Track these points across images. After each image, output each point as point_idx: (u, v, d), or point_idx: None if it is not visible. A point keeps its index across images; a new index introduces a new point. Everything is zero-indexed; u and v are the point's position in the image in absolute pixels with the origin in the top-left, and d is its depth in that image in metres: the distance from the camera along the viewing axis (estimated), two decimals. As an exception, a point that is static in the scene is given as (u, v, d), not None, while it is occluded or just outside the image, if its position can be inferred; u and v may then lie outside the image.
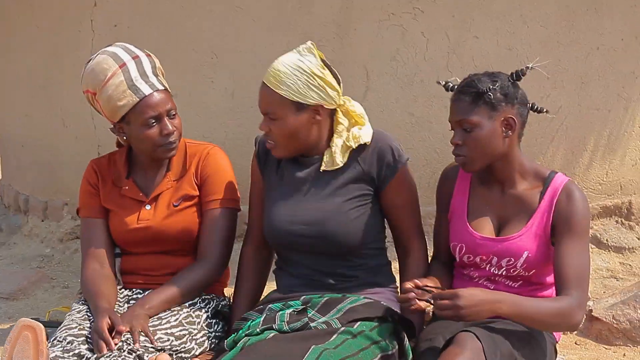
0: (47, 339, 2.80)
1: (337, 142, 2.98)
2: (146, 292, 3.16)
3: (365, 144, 2.96)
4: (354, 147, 2.96)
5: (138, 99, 3.04)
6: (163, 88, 3.11)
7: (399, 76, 4.55)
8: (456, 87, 2.87)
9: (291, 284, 3.03)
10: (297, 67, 2.89)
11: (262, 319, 2.85)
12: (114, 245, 3.27)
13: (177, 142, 3.15)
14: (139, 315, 2.91)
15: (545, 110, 2.94)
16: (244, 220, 4.59)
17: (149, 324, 2.92)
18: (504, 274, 2.88)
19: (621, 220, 4.88)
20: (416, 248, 3.07)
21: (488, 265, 2.89)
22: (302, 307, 2.86)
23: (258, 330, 2.77)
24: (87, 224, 3.27)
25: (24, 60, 6.14)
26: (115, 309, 3.01)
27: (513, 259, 2.84)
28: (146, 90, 3.05)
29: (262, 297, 3.17)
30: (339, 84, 2.95)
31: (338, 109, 2.99)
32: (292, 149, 2.98)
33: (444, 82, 2.96)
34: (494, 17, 4.52)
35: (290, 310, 2.85)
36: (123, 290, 3.22)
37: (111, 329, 2.81)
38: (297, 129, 2.92)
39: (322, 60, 2.94)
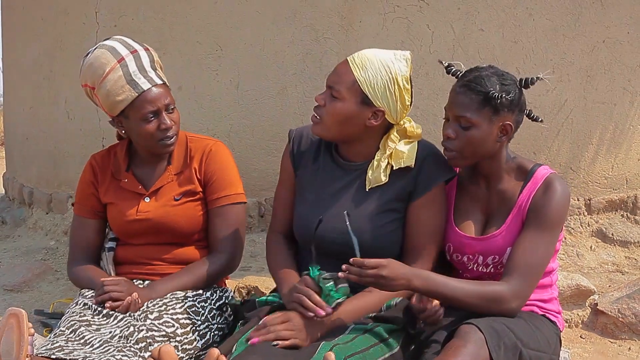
0: (51, 331, 2.81)
1: (384, 160, 2.89)
2: (146, 283, 3.18)
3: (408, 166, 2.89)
4: (395, 167, 2.89)
5: (137, 94, 3.05)
6: (162, 82, 3.11)
7: (404, 69, 4.53)
8: (460, 76, 2.83)
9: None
10: (386, 65, 2.81)
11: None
12: (101, 244, 3.32)
13: (176, 136, 3.15)
14: (142, 294, 3.02)
15: (540, 119, 2.90)
16: (249, 213, 4.61)
17: (155, 309, 2.98)
18: (492, 271, 2.87)
19: (627, 215, 4.88)
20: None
21: (475, 265, 2.89)
22: None
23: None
24: (78, 221, 3.33)
25: (29, 52, 6.14)
26: None
27: (498, 257, 2.83)
28: (145, 85, 3.05)
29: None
30: (410, 105, 2.88)
31: (395, 126, 2.90)
32: (334, 133, 2.89)
33: (446, 64, 2.90)
34: (500, 10, 4.51)
35: None
36: None
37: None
38: (349, 118, 2.83)
39: (410, 76, 2.85)
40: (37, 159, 6.18)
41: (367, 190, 2.92)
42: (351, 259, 2.61)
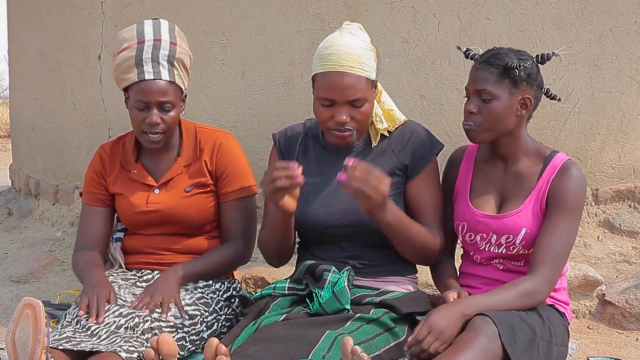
0: (58, 322, 2.81)
1: (378, 111, 3.01)
2: (154, 273, 3.17)
3: (398, 127, 3.01)
4: (392, 129, 3.00)
5: (137, 80, 3.06)
6: (168, 80, 3.08)
7: (410, 58, 4.52)
8: (478, 56, 2.90)
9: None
10: (365, 46, 2.89)
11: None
12: (109, 233, 3.32)
13: (163, 135, 3.12)
14: (172, 286, 3.01)
15: (558, 98, 2.97)
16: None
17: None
18: (504, 252, 2.89)
19: (634, 205, 4.85)
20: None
21: (487, 245, 2.91)
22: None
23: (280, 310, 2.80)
24: (87, 210, 3.32)
25: (35, 43, 6.15)
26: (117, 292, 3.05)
27: (512, 236, 2.86)
28: (148, 75, 3.06)
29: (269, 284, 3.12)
30: None
31: None
32: (365, 131, 2.99)
33: (465, 49, 2.98)
34: (506, -1, 4.49)
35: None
36: (127, 271, 3.24)
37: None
38: (372, 106, 2.94)
39: None
40: (43, 150, 6.19)
41: (372, 147, 3.01)
42: (406, 347, 2.59)
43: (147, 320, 2.84)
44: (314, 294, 2.80)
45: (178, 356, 2.76)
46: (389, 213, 2.76)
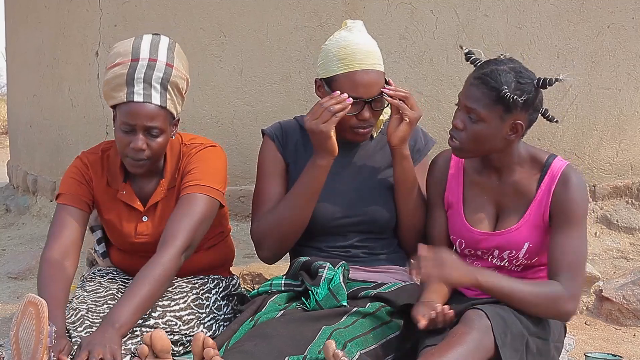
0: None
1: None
2: None
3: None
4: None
5: (125, 100, 2.84)
6: (159, 104, 2.86)
7: (408, 55, 4.52)
8: (479, 65, 2.73)
9: (319, 257, 2.97)
10: (374, 42, 2.94)
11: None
12: (82, 240, 3.02)
13: (146, 162, 2.90)
14: (111, 339, 2.64)
15: (555, 119, 2.80)
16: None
17: (159, 306, 2.88)
18: (506, 265, 2.84)
19: (631, 201, 4.86)
20: None
21: (490, 257, 2.85)
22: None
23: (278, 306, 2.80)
24: (64, 211, 3.01)
25: (32, 39, 6.14)
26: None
27: (514, 251, 2.79)
28: (137, 97, 2.84)
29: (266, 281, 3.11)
30: None
31: None
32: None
33: (466, 50, 2.83)
34: (504, -5, 4.49)
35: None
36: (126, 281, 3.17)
37: None
38: None
39: None
40: (41, 147, 6.19)
41: (374, 136, 3.06)
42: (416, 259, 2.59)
43: (137, 328, 2.79)
44: (310, 291, 2.80)
45: (173, 351, 2.76)
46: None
